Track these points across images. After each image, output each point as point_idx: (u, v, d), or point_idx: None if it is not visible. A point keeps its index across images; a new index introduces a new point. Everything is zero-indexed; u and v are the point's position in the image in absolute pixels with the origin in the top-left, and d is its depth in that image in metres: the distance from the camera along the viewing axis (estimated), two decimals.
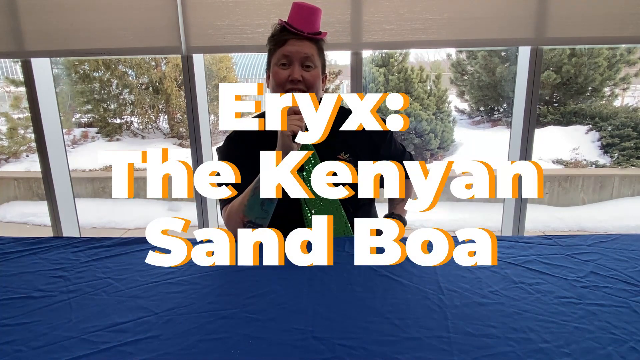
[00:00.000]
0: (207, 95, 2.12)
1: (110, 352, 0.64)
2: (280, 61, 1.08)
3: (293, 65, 1.07)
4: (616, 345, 0.64)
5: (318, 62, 1.11)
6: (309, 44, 1.09)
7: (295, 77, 1.06)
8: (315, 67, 1.09)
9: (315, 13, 1.10)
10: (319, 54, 1.12)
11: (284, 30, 1.09)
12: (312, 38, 1.10)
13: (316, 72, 1.10)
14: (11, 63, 7.03)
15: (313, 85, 1.09)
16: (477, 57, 7.01)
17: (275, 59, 1.09)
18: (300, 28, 1.08)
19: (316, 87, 1.10)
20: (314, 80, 1.09)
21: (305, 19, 1.08)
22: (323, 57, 1.14)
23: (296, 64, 1.07)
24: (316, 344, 0.65)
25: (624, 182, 4.35)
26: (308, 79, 1.08)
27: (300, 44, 1.07)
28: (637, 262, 0.91)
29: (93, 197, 4.77)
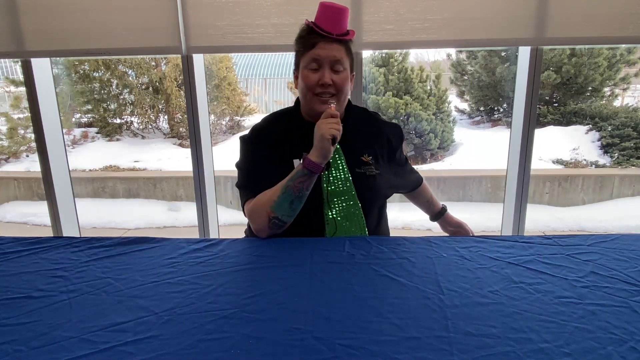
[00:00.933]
0: (207, 95, 2.12)
1: (110, 352, 0.64)
2: (310, 65, 1.08)
3: (323, 69, 1.08)
4: (616, 345, 0.64)
5: (347, 63, 1.11)
6: (338, 46, 1.09)
7: (326, 82, 1.07)
8: (344, 70, 1.10)
9: (343, 13, 1.10)
10: (348, 54, 1.12)
11: (313, 32, 1.08)
12: (341, 40, 1.09)
13: (345, 74, 1.10)
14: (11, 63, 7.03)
15: (343, 89, 1.10)
16: (477, 57, 7.01)
17: (305, 62, 1.10)
18: (328, 29, 1.07)
19: (345, 89, 1.11)
20: (344, 83, 1.10)
21: (333, 20, 1.08)
22: (351, 57, 1.14)
23: (326, 67, 1.08)
24: (316, 344, 0.65)
25: (624, 182, 4.35)
26: (338, 83, 1.08)
27: (330, 47, 1.07)
28: (637, 262, 0.91)
29: (93, 197, 4.77)
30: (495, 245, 1.01)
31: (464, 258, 0.94)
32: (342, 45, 1.09)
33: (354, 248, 0.99)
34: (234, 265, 0.92)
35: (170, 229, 4.02)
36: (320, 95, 1.09)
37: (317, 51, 1.07)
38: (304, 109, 1.17)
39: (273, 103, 9.28)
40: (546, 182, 4.35)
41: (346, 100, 1.16)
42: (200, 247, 1.02)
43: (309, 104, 1.12)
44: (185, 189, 4.57)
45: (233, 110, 7.12)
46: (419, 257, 0.95)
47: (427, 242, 1.03)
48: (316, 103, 1.10)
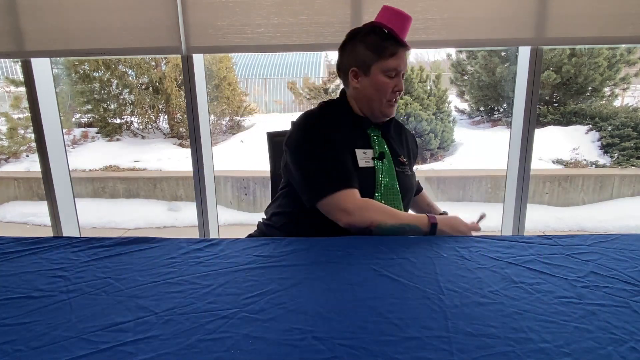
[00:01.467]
0: (207, 95, 2.12)
1: (110, 352, 0.64)
2: (389, 73, 1.16)
3: (398, 77, 1.18)
4: (616, 345, 0.64)
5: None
6: (405, 54, 1.19)
7: (402, 89, 1.19)
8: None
9: (409, 22, 1.18)
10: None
11: (390, 39, 1.15)
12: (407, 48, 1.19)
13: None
14: (11, 63, 7.03)
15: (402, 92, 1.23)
16: (477, 57, 7.01)
17: (383, 68, 1.16)
18: (401, 36, 1.16)
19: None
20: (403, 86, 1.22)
21: (403, 28, 1.16)
22: None
23: (400, 75, 1.18)
24: (316, 344, 0.65)
25: (624, 182, 4.35)
26: (403, 89, 1.21)
27: (405, 57, 1.18)
28: (637, 262, 0.91)
29: (93, 197, 4.77)
30: (495, 245, 1.01)
31: (464, 258, 0.94)
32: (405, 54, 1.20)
33: (354, 248, 0.99)
34: (234, 265, 0.92)
35: (170, 229, 4.02)
36: (390, 100, 1.19)
37: (398, 61, 1.16)
38: (364, 108, 1.23)
39: (273, 103, 9.28)
40: (546, 182, 4.36)
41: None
42: (200, 247, 1.02)
43: (379, 106, 1.20)
44: (185, 189, 4.57)
45: (233, 110, 7.13)
46: (419, 257, 0.95)
47: (427, 242, 1.03)
48: (387, 106, 1.20)
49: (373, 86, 1.17)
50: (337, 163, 1.12)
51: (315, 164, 1.12)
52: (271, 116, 8.26)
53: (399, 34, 1.15)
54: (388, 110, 1.21)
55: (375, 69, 1.16)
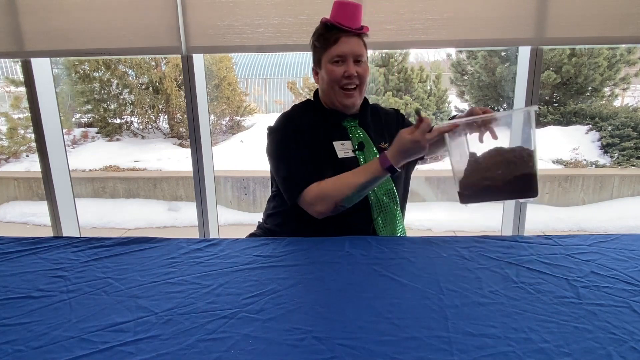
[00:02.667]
0: (207, 95, 2.12)
1: (110, 352, 0.64)
2: (334, 59, 1.15)
3: (347, 62, 1.15)
4: (616, 345, 0.64)
5: (366, 55, 1.20)
6: (358, 39, 1.17)
7: (352, 73, 1.14)
8: (364, 61, 1.18)
9: (358, 9, 1.17)
10: (365, 47, 1.20)
11: (333, 29, 1.15)
12: (360, 33, 1.17)
13: (366, 65, 1.18)
14: (11, 63, 7.03)
15: (365, 79, 1.18)
16: (477, 57, 7.00)
17: (328, 57, 1.16)
18: (348, 25, 1.15)
19: (366, 79, 1.20)
20: (366, 73, 1.18)
21: (350, 16, 1.16)
22: (366, 50, 1.22)
23: (350, 60, 1.15)
24: (316, 344, 0.65)
25: (624, 182, 4.35)
26: (361, 73, 1.16)
27: (352, 41, 1.15)
28: (637, 262, 0.91)
29: (93, 197, 4.77)
30: (495, 245, 1.01)
31: (464, 258, 0.94)
32: (360, 39, 1.18)
33: (354, 248, 0.99)
34: (234, 265, 0.92)
35: (170, 229, 4.02)
36: (345, 88, 1.16)
37: (340, 46, 1.14)
38: (326, 102, 1.23)
39: (273, 103, 9.28)
40: (546, 182, 4.35)
41: (366, 89, 1.23)
42: (200, 247, 1.02)
43: (336, 97, 1.18)
44: (185, 189, 4.57)
45: (233, 110, 7.12)
46: (419, 257, 0.95)
47: (427, 242, 1.03)
48: (342, 96, 1.17)
49: (326, 77, 1.18)
50: (300, 163, 1.14)
51: (285, 168, 1.17)
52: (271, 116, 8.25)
53: (347, 21, 1.15)
54: (346, 100, 1.18)
55: (324, 61, 1.18)
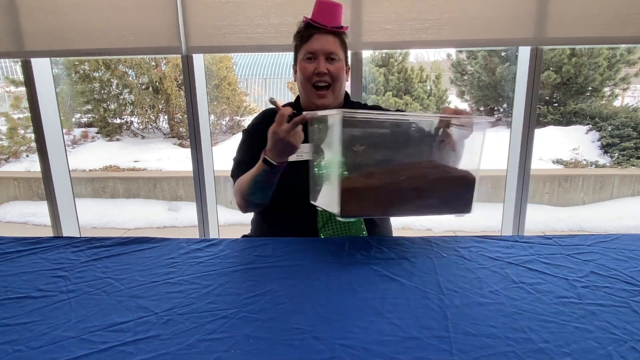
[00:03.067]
0: (207, 95, 2.12)
1: (110, 352, 0.64)
2: (307, 56, 1.15)
3: (318, 59, 1.14)
4: (616, 345, 0.64)
5: (341, 54, 1.17)
6: (332, 37, 1.15)
7: (321, 70, 1.13)
8: (339, 60, 1.16)
9: (336, 9, 1.16)
10: (342, 46, 1.18)
11: (309, 27, 1.16)
12: (335, 32, 1.16)
13: (340, 64, 1.16)
14: (11, 63, 7.03)
15: (338, 77, 1.16)
16: (477, 57, 7.00)
17: (302, 54, 1.17)
18: (323, 23, 1.15)
19: (340, 78, 1.17)
20: (338, 72, 1.15)
21: (327, 15, 1.15)
22: (345, 50, 1.21)
23: (321, 57, 1.14)
24: (316, 344, 0.65)
25: (624, 182, 4.35)
26: (333, 71, 1.14)
27: (325, 38, 1.15)
28: (637, 262, 0.91)
29: (93, 197, 4.77)
30: (495, 245, 1.01)
31: (464, 258, 0.94)
32: (336, 37, 1.16)
33: (354, 248, 0.99)
34: (234, 265, 0.92)
35: (170, 229, 4.02)
36: (317, 87, 1.15)
37: (312, 43, 1.15)
38: (303, 102, 1.22)
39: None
40: (546, 182, 4.35)
41: (342, 90, 1.20)
42: (200, 247, 1.02)
43: (307, 95, 1.18)
44: (185, 189, 4.57)
45: (233, 110, 7.12)
46: (419, 257, 0.95)
47: (427, 242, 1.03)
48: (313, 95, 1.16)
49: (299, 75, 1.18)
50: (242, 168, 1.15)
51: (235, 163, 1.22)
52: None
53: (324, 20, 1.15)
54: (317, 101, 1.16)
55: (299, 58, 1.19)
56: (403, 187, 0.86)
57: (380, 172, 0.88)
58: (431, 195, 0.86)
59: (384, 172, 0.88)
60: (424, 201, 0.85)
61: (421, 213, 0.90)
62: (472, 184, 0.86)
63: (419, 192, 0.86)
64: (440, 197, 0.85)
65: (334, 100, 1.17)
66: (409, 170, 0.88)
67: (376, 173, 0.88)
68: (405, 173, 0.86)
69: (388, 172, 0.88)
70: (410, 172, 0.87)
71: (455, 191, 0.85)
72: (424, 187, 0.87)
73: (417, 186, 0.86)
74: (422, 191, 0.86)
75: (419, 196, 0.85)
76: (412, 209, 0.86)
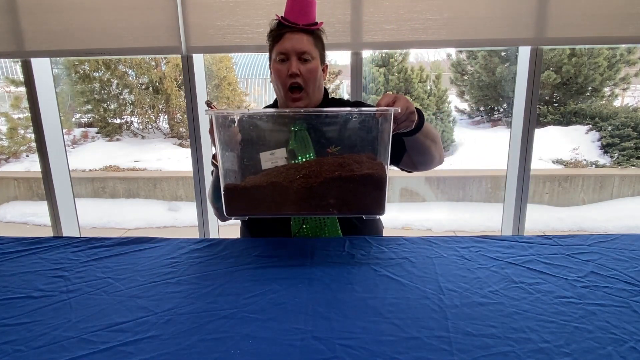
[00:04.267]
0: (207, 95, 2.12)
1: (110, 352, 0.64)
2: (279, 57, 1.10)
3: (290, 60, 1.08)
4: (616, 345, 0.64)
5: (315, 53, 1.11)
6: (305, 36, 1.10)
7: (293, 72, 1.08)
8: (312, 59, 1.10)
9: (309, 5, 1.11)
10: (316, 44, 1.12)
11: (280, 25, 1.11)
12: (307, 30, 1.10)
13: (313, 64, 1.10)
14: (11, 63, 7.02)
15: (310, 78, 1.10)
16: (477, 57, 7.00)
17: (274, 55, 1.11)
18: (295, 21, 1.09)
19: (314, 78, 1.11)
20: (311, 73, 1.10)
21: (299, 11, 1.10)
22: (322, 47, 1.14)
23: (293, 58, 1.08)
24: (316, 344, 0.65)
25: (624, 182, 4.35)
26: (304, 73, 1.09)
27: (296, 38, 1.09)
28: (637, 262, 0.91)
29: (93, 197, 4.77)
30: (495, 245, 1.01)
31: (464, 258, 0.94)
32: (309, 35, 1.10)
33: (354, 248, 0.99)
34: (234, 265, 0.92)
35: (170, 229, 4.02)
36: (291, 90, 1.10)
37: (284, 43, 1.09)
38: (279, 103, 1.18)
39: None
40: (546, 182, 4.35)
41: (317, 92, 1.15)
42: (200, 247, 1.02)
43: (284, 99, 1.13)
44: (185, 189, 4.57)
45: None
46: (419, 257, 0.95)
47: (427, 242, 1.03)
48: (288, 98, 1.11)
49: (273, 76, 1.13)
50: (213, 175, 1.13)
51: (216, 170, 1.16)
52: None
53: (295, 17, 1.09)
54: (292, 103, 1.11)
55: (272, 58, 1.13)
56: (295, 186, 0.81)
57: (278, 171, 0.84)
58: (329, 194, 0.80)
59: (281, 170, 0.84)
60: (321, 201, 0.80)
61: (321, 213, 0.85)
62: (381, 182, 0.80)
63: (313, 191, 0.81)
64: (341, 197, 0.80)
65: (309, 102, 1.13)
66: (308, 168, 0.83)
67: (273, 172, 0.85)
68: (303, 171, 0.82)
69: (286, 170, 0.84)
70: (308, 170, 0.83)
71: (361, 191, 0.80)
72: (318, 186, 0.82)
73: (310, 185, 0.81)
74: (316, 190, 0.81)
75: (312, 196, 0.80)
76: (307, 208, 0.81)
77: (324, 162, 0.83)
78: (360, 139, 0.96)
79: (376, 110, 0.84)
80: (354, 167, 0.81)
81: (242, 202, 0.78)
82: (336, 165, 0.81)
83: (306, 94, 1.11)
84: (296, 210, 0.80)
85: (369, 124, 0.92)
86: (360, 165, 0.82)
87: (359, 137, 0.99)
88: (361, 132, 0.96)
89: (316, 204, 0.79)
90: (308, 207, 0.79)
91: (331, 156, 0.89)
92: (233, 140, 0.92)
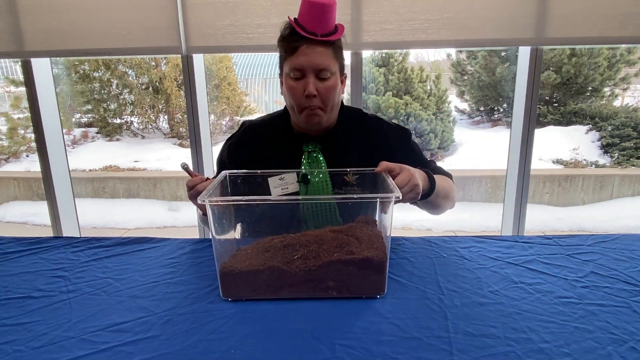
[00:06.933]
0: (207, 95, 2.12)
1: (110, 352, 0.64)
2: (293, 72, 0.97)
3: (307, 78, 0.96)
4: (616, 345, 0.64)
5: (335, 67, 0.99)
6: (323, 49, 0.96)
7: (311, 93, 0.96)
8: (331, 75, 0.98)
9: (328, 9, 0.95)
10: (336, 56, 1.00)
11: (295, 34, 0.96)
12: (326, 41, 0.97)
13: (332, 81, 0.99)
14: (11, 63, 7.03)
15: (329, 98, 0.99)
16: (477, 57, 7.00)
17: (287, 69, 0.99)
18: (311, 29, 0.95)
19: (332, 97, 1.00)
20: (330, 92, 0.99)
21: (317, 18, 0.95)
22: (341, 57, 1.02)
23: (310, 75, 0.96)
24: (316, 344, 0.65)
25: (624, 182, 4.35)
26: (323, 92, 0.98)
27: (314, 52, 0.95)
28: (637, 262, 0.91)
29: (93, 197, 4.76)
30: (495, 245, 1.01)
31: (464, 258, 0.94)
32: (328, 48, 0.97)
33: None
34: None
35: (170, 229, 4.02)
36: (308, 108, 0.99)
37: (300, 59, 0.95)
38: (294, 119, 1.08)
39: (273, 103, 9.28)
40: (546, 182, 4.35)
41: (336, 108, 1.06)
42: (200, 247, 1.02)
43: (300, 116, 1.02)
44: (185, 189, 4.56)
45: (233, 110, 7.12)
46: (419, 257, 0.95)
47: (427, 242, 1.03)
48: (307, 116, 1.00)
49: (287, 94, 1.01)
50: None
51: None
52: None
53: (312, 25, 0.94)
54: (309, 119, 1.00)
55: (285, 72, 1.00)
56: (293, 269, 0.76)
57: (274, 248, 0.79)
58: (328, 278, 0.77)
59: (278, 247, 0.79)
60: (320, 284, 0.77)
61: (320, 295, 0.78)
62: (381, 266, 0.77)
63: (311, 274, 0.76)
64: (340, 280, 0.77)
65: (326, 120, 1.03)
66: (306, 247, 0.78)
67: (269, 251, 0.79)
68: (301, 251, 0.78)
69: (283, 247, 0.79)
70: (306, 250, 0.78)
71: (361, 274, 0.77)
72: (317, 269, 0.76)
73: (309, 268, 0.76)
74: (315, 273, 0.76)
75: (311, 279, 0.77)
76: (306, 291, 0.77)
77: (322, 241, 0.79)
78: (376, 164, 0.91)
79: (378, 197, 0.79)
80: (353, 247, 0.77)
81: (239, 285, 0.77)
82: (335, 246, 0.77)
83: (324, 112, 1.00)
84: (295, 292, 0.77)
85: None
86: (360, 244, 0.79)
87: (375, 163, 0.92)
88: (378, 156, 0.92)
89: (315, 286, 0.77)
90: (307, 290, 0.77)
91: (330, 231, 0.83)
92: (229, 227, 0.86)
